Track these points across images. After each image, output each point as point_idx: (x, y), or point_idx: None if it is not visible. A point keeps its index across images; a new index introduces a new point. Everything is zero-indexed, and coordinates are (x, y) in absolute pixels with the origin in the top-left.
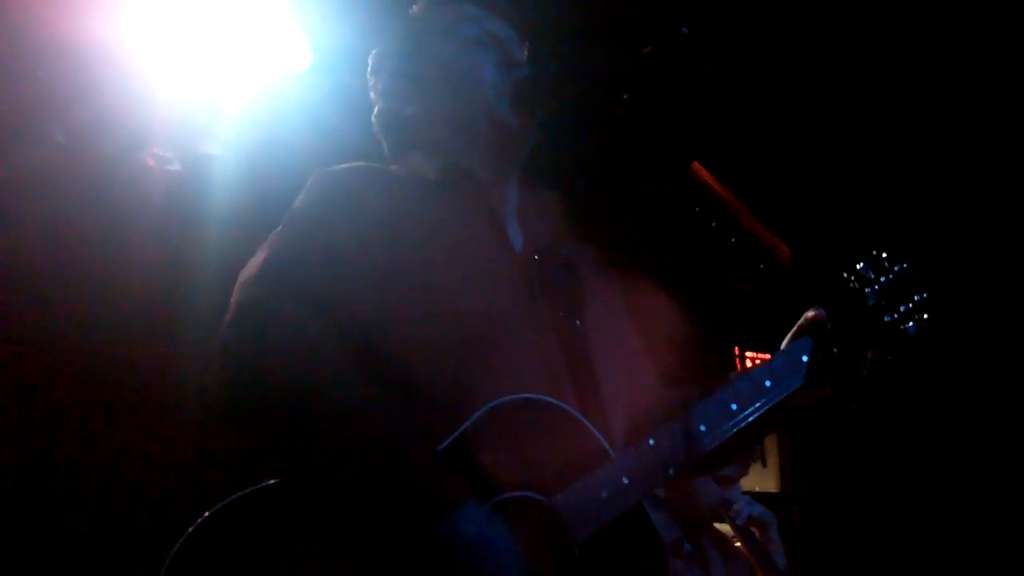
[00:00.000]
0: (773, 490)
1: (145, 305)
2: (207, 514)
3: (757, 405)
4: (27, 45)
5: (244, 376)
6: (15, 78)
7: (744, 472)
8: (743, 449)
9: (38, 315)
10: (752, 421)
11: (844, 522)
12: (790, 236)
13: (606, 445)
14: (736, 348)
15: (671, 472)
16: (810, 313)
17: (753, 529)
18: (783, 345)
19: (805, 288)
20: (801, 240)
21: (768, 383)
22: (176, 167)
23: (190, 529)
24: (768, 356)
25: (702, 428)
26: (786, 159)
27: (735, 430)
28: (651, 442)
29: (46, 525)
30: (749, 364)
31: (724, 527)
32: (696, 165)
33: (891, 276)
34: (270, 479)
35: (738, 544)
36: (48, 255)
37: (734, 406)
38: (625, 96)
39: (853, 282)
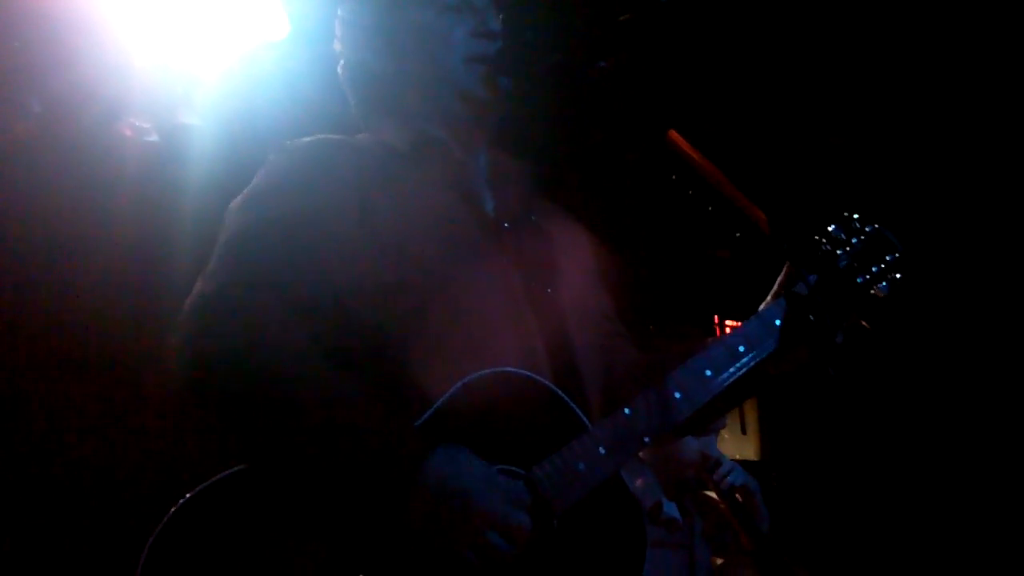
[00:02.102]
0: (753, 458)
1: (121, 276)
2: (179, 502)
3: (732, 370)
4: (1, 15)
5: (203, 372)
6: None
7: (723, 424)
8: (721, 414)
9: (11, 285)
10: (728, 386)
11: (823, 489)
12: (767, 203)
13: (582, 416)
14: (716, 317)
15: (647, 440)
16: (783, 276)
17: (738, 496)
18: (760, 309)
19: (783, 254)
20: (778, 207)
21: (742, 348)
22: (153, 137)
23: (168, 513)
24: None
25: (677, 395)
26: (762, 126)
27: (711, 396)
28: (627, 411)
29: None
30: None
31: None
32: (673, 133)
33: (862, 237)
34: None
35: (723, 507)
36: (23, 226)
37: (709, 372)
38: (602, 63)
39: (825, 245)
